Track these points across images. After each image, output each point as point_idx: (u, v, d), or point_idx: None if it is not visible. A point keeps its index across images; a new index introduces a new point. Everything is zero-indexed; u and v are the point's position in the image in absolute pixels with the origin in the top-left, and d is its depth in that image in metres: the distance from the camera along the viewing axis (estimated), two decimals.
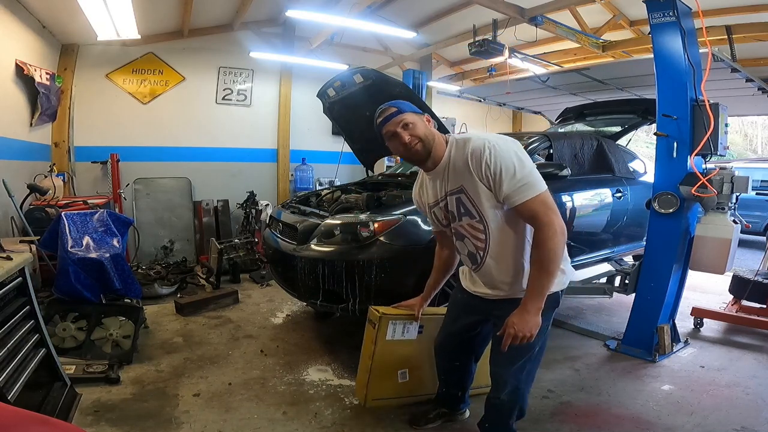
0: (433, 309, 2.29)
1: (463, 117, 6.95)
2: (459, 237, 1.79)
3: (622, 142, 4.32)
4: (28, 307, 2.12)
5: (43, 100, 4.25)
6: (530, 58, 5.74)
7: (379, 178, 4.13)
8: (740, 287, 3.61)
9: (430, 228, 2.70)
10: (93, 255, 2.91)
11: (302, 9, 4.33)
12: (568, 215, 3.39)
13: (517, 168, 1.56)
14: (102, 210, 3.36)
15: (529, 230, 1.66)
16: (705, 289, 4.49)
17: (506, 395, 1.79)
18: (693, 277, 3.44)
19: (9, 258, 1.96)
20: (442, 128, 2.95)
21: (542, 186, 1.58)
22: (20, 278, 2.06)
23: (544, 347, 1.81)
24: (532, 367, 1.81)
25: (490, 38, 4.53)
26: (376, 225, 2.69)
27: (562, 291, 1.75)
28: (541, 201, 1.56)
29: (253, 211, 5.43)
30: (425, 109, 3.09)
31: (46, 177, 4.25)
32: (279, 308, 3.92)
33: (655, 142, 2.98)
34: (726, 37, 4.03)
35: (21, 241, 2.58)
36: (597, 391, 2.57)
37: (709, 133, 2.70)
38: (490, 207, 1.64)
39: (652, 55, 2.91)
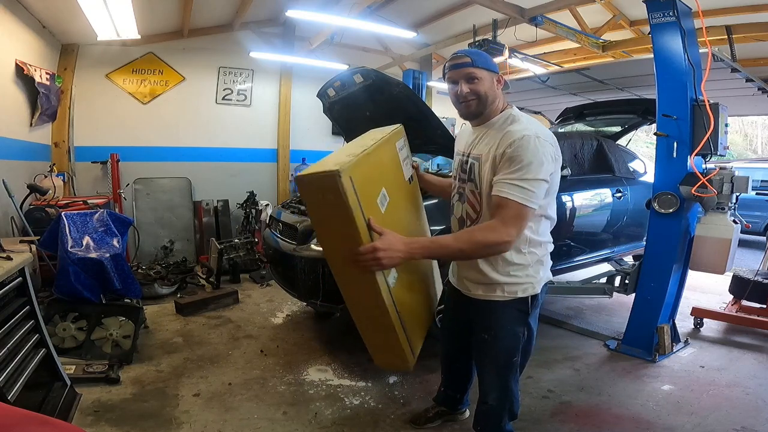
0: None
1: None
2: (461, 198, 1.76)
3: (622, 142, 4.33)
4: (28, 307, 2.12)
5: (43, 100, 4.25)
6: (530, 58, 5.74)
7: None
8: (740, 287, 3.61)
9: (430, 227, 2.71)
10: (93, 255, 2.91)
11: (302, 9, 4.33)
12: (568, 215, 3.39)
13: (534, 171, 1.45)
14: (102, 210, 3.35)
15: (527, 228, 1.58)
16: (705, 289, 4.49)
17: (493, 400, 1.78)
18: (693, 277, 3.44)
19: (9, 258, 1.96)
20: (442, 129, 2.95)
21: (533, 203, 1.46)
22: (20, 278, 2.06)
23: (529, 352, 1.79)
24: (515, 373, 1.78)
25: (490, 38, 4.53)
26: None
27: (532, 297, 1.66)
28: (520, 213, 1.46)
29: (253, 211, 5.43)
30: (424, 110, 3.10)
31: (46, 177, 4.25)
32: (279, 308, 3.92)
33: (655, 142, 2.98)
34: (726, 37, 4.03)
35: (21, 241, 2.58)
36: (597, 391, 2.57)
37: (709, 133, 2.70)
38: (489, 188, 1.57)
39: (652, 55, 2.91)
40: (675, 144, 2.82)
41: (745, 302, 3.64)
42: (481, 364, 1.84)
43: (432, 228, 2.62)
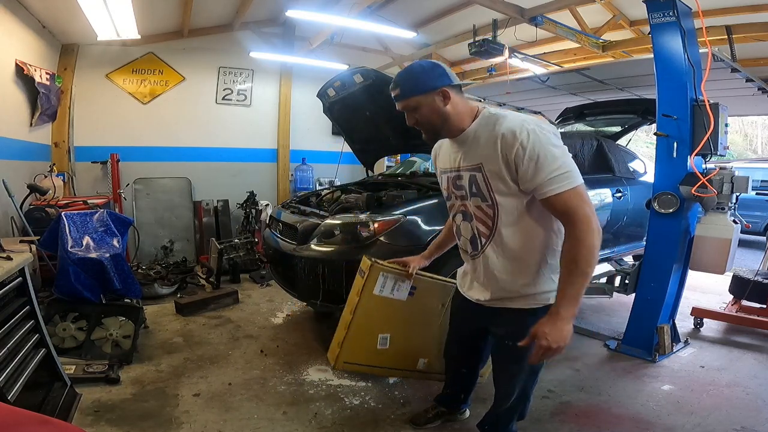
0: (432, 275, 2.13)
1: None
2: (466, 217, 1.66)
3: (622, 142, 4.33)
4: (28, 307, 2.12)
5: (43, 100, 4.25)
6: (530, 58, 5.74)
7: (379, 178, 4.14)
8: (740, 287, 3.61)
9: (430, 228, 2.71)
10: (93, 255, 2.91)
11: (302, 9, 4.34)
12: None
13: (558, 155, 1.40)
14: (102, 210, 3.35)
15: (550, 230, 1.54)
16: (705, 289, 4.49)
17: (509, 404, 1.78)
18: (693, 277, 3.44)
19: (9, 258, 1.96)
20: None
21: (580, 178, 1.41)
22: (20, 278, 2.06)
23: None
24: (535, 378, 1.78)
25: (490, 38, 4.53)
26: (376, 225, 2.69)
27: None
28: (579, 194, 1.39)
29: (253, 211, 5.43)
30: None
31: (46, 177, 4.25)
32: (279, 308, 3.92)
33: (655, 142, 2.98)
34: (726, 37, 4.03)
35: (21, 241, 2.58)
36: (597, 391, 2.57)
37: (709, 133, 2.70)
38: (507, 194, 1.49)
39: (652, 55, 2.91)
40: (675, 144, 2.82)
41: (745, 302, 3.64)
42: (501, 370, 1.80)
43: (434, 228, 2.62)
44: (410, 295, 2.07)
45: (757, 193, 7.31)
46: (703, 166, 2.91)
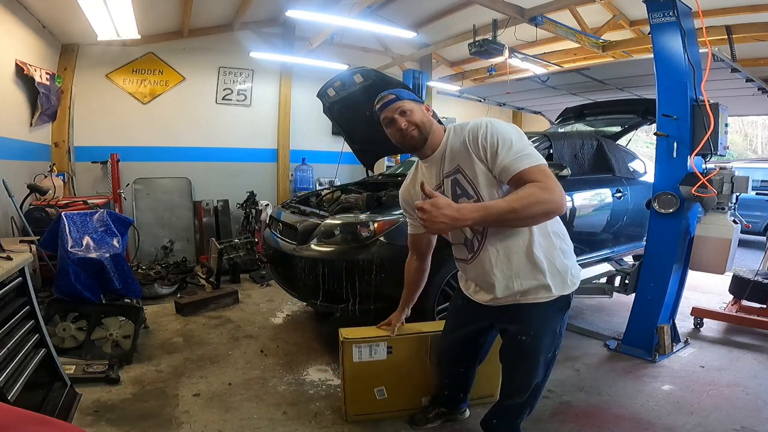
0: (408, 327, 2.26)
1: (463, 117, 6.96)
2: None
3: (622, 142, 4.33)
4: (28, 307, 2.12)
5: (43, 100, 4.25)
6: (530, 58, 5.75)
7: (379, 178, 4.13)
8: (740, 287, 3.61)
9: None
10: (93, 255, 2.91)
11: (302, 9, 4.34)
12: (568, 215, 3.39)
13: (515, 140, 1.51)
14: (102, 210, 3.36)
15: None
16: (705, 289, 4.49)
17: (520, 399, 1.79)
18: (693, 277, 3.43)
19: (9, 258, 1.96)
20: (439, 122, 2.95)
21: (542, 159, 1.50)
22: (20, 278, 2.06)
23: (558, 350, 1.78)
24: (547, 372, 1.79)
25: (490, 38, 4.53)
26: (375, 225, 2.69)
27: (572, 294, 1.69)
28: (542, 170, 1.47)
29: (253, 211, 5.43)
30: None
31: (46, 177, 4.25)
32: (279, 308, 3.92)
33: (655, 142, 2.98)
34: (726, 37, 4.03)
35: (21, 241, 2.58)
36: (597, 391, 2.57)
37: (709, 133, 2.70)
38: (487, 186, 1.58)
39: (652, 55, 2.90)
40: (675, 144, 2.82)
41: (745, 302, 3.64)
42: (513, 366, 1.81)
43: None
44: (389, 354, 2.21)
45: (757, 193, 7.30)
46: (703, 166, 2.91)
